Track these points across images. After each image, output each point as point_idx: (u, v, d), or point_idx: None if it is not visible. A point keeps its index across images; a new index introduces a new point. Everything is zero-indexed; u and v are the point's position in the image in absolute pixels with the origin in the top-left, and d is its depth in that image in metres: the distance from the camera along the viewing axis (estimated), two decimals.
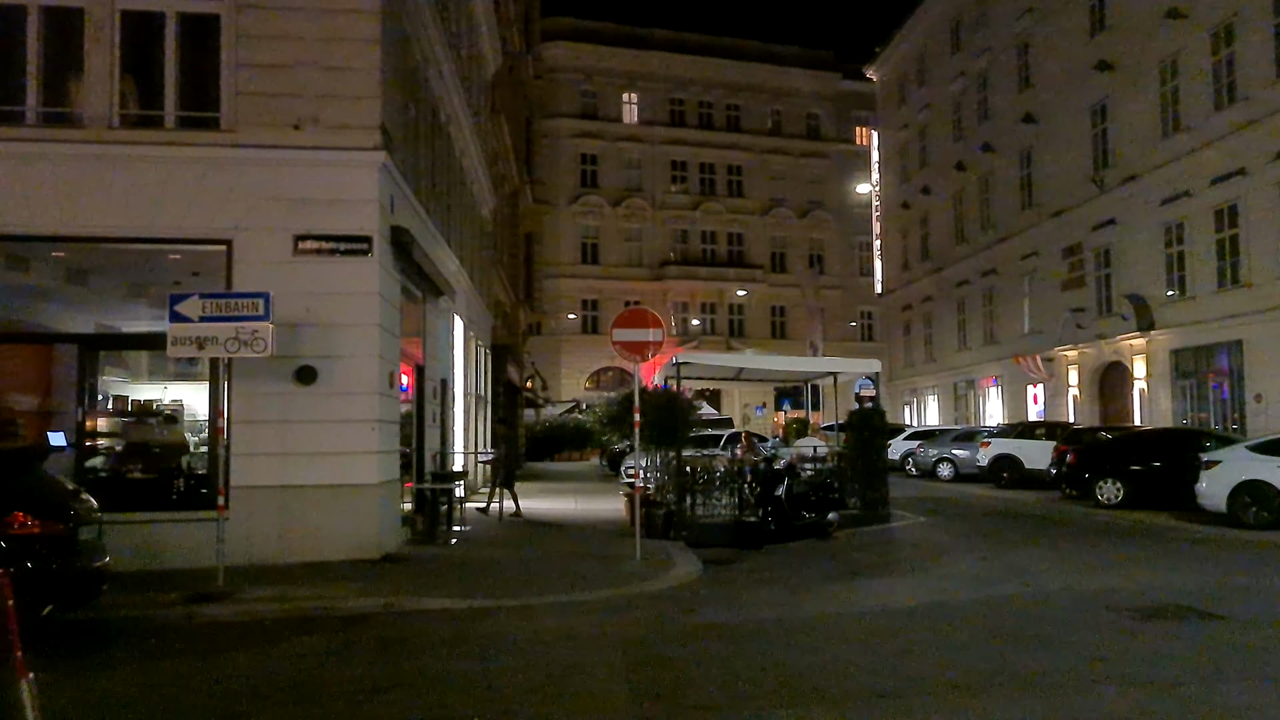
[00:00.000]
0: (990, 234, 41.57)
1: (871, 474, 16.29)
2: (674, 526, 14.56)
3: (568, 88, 60.04)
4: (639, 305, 12.76)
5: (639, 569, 11.85)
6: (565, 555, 13.02)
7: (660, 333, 12.57)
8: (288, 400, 12.05)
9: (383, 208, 12.55)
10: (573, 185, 60.07)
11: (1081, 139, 34.13)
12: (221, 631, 8.78)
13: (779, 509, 14.10)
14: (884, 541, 14.67)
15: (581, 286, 59.06)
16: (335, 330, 12.20)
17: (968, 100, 43.98)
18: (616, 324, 12.63)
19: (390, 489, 13.00)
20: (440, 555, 13.01)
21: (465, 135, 21.89)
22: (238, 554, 11.62)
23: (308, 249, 12.16)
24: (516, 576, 11.30)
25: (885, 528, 16.09)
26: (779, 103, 64.58)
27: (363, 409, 12.23)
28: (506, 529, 16.31)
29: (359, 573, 11.26)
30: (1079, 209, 34.14)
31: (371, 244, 12.27)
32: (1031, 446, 24.70)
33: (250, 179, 12.10)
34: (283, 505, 11.99)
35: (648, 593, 10.43)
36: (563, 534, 15.61)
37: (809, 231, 64.34)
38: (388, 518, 12.82)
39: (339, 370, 12.19)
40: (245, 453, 11.95)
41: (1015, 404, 39.69)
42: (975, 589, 10.39)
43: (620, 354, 12.62)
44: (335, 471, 12.10)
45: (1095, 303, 33.56)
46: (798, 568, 12.31)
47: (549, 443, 46.11)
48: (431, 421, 17.01)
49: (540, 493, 24.68)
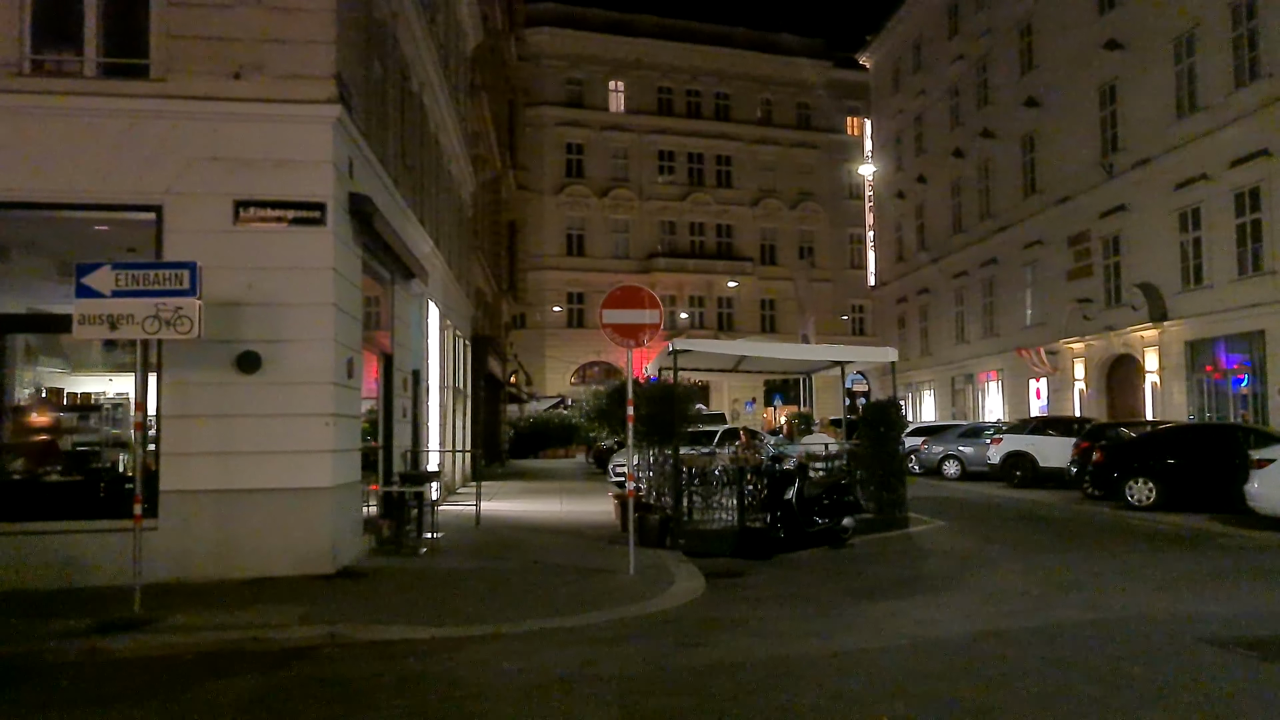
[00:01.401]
0: (990, 223, 40.13)
1: (887, 474, 14.74)
2: (670, 533, 13.01)
3: (553, 75, 58.43)
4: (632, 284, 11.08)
5: (633, 585, 10.30)
6: (549, 568, 11.44)
7: (657, 314, 11.01)
8: (228, 391, 10.44)
9: (338, 171, 10.94)
10: (558, 175, 58.55)
11: (1089, 122, 32.68)
12: (125, 672, 7.18)
13: (789, 514, 12.56)
14: (906, 550, 13.13)
15: (567, 279, 57.46)
16: (283, 311, 10.60)
17: (966, 85, 42.50)
18: (607, 303, 11.05)
19: (348, 493, 11.40)
20: (406, 568, 11.41)
21: (441, 108, 20.27)
22: (169, 569, 10.09)
23: (251, 217, 10.54)
24: (492, 595, 9.73)
25: (904, 534, 14.55)
26: (769, 91, 63.16)
27: (315, 401, 10.63)
28: (484, 534, 14.73)
29: (308, 592, 9.67)
30: (1086, 195, 32.70)
31: (325, 212, 10.66)
32: (1046, 443, 23.20)
33: (184, 136, 10.47)
34: (222, 512, 10.39)
35: (644, 616, 8.88)
36: (547, 541, 14.04)
37: (799, 223, 62.95)
38: (345, 526, 11.23)
39: (288, 357, 10.59)
40: (178, 452, 10.36)
41: (1017, 399, 38.28)
42: (1029, 612, 8.85)
43: (611, 338, 11.04)
44: (283, 473, 10.51)
45: (1103, 292, 32.15)
46: (816, 583, 10.76)
47: (533, 439, 44.65)
48: (402, 416, 15.41)
49: (523, 493, 23.11)
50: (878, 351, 15.24)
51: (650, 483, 15.67)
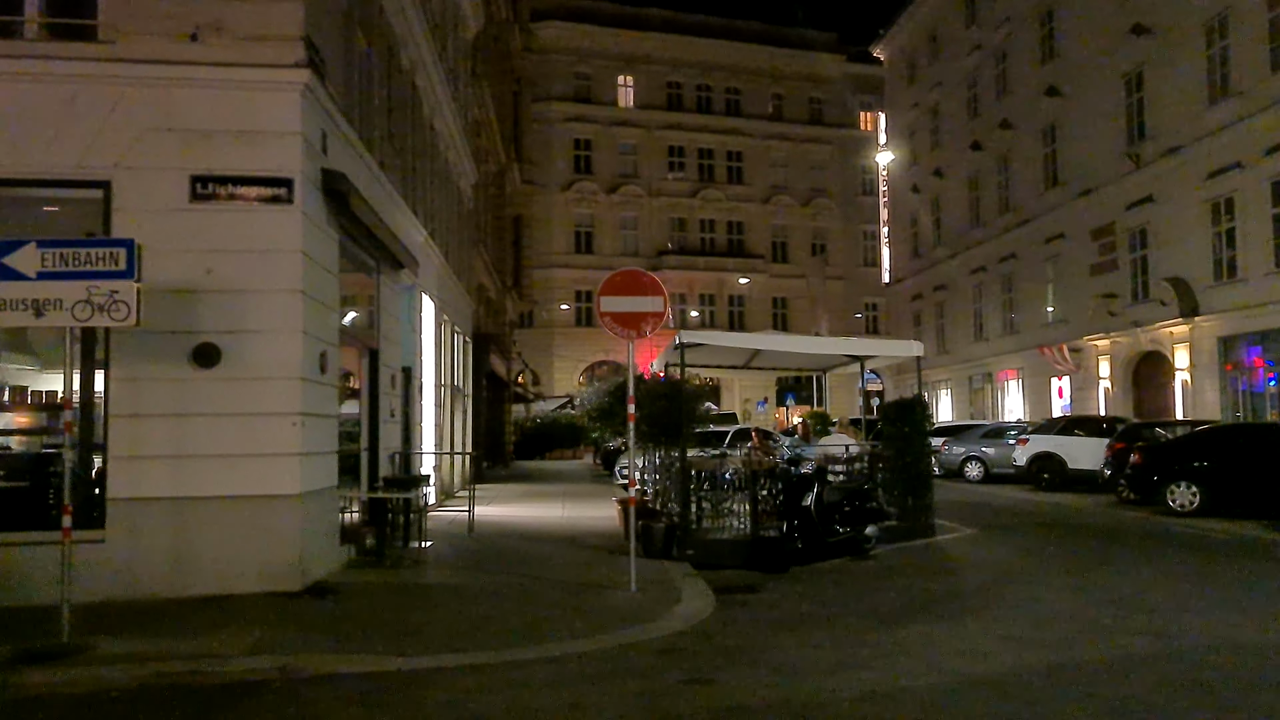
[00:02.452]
0: (1010, 217, 38.91)
1: (913, 478, 13.59)
2: (677, 543, 11.90)
3: (560, 70, 57.42)
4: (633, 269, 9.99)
5: (634, 604, 9.20)
6: (542, 583, 10.35)
7: (660, 301, 9.91)
8: (183, 388, 9.39)
9: (308, 144, 9.88)
10: (566, 171, 57.57)
11: (1113, 111, 31.46)
12: (33, 713, 6.13)
13: (807, 522, 11.43)
14: (936, 563, 11.97)
15: (575, 277, 56.40)
16: (246, 298, 9.54)
17: (984, 75, 41.30)
18: (604, 290, 9.95)
19: (320, 500, 10.33)
20: (384, 583, 10.33)
21: (436, 92, 19.21)
22: (117, 587, 9.05)
23: (209, 194, 9.48)
24: (477, 616, 8.64)
25: (931, 543, 13.41)
26: (780, 86, 62.06)
27: (281, 399, 9.56)
28: (477, 543, 13.65)
29: (268, 613, 8.60)
30: (1110, 186, 31.50)
31: (292, 189, 9.59)
32: (1076, 444, 21.98)
33: (134, 104, 9.42)
34: (176, 523, 9.33)
35: (646, 642, 7.78)
36: (543, 551, 12.95)
37: (811, 220, 61.85)
38: (316, 536, 10.15)
39: (251, 349, 9.53)
40: (128, 455, 9.29)
41: (1038, 398, 37.06)
42: (1089, 640, 7.70)
43: (610, 328, 9.95)
44: (245, 479, 9.44)
45: (1129, 287, 30.95)
46: (838, 601, 9.65)
47: (540, 440, 43.62)
48: (390, 416, 14.35)
49: (524, 496, 22.04)
50: (902, 345, 14.09)
51: (656, 487, 14.59)
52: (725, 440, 22.53)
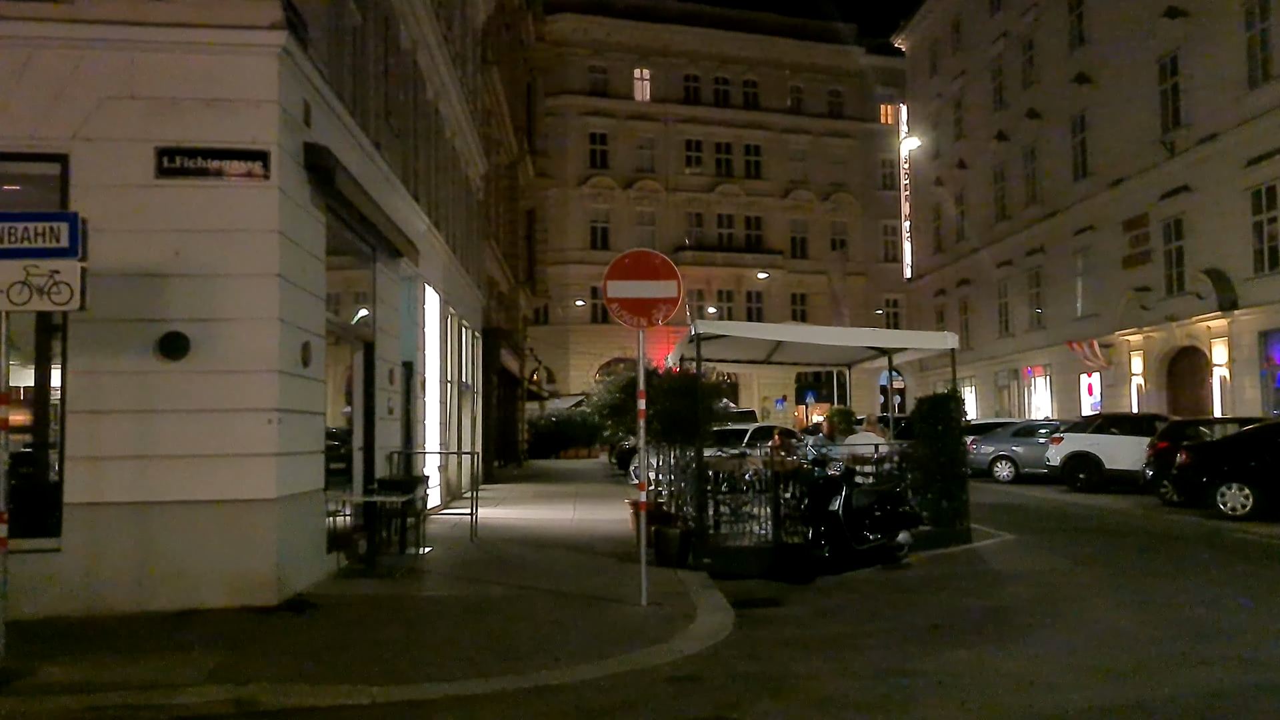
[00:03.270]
0: (1037, 209, 37.74)
1: (948, 479, 12.57)
2: (693, 550, 10.97)
3: (576, 63, 56.55)
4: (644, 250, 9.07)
5: (645, 621, 8.28)
6: (546, 596, 9.43)
7: (674, 286, 8.97)
8: (148, 382, 8.52)
9: (287, 114, 8.99)
10: (581, 166, 56.71)
11: (1146, 97, 30.26)
12: None
13: (835, 528, 10.46)
14: (976, 572, 10.97)
15: (591, 273, 55.35)
16: (218, 283, 8.66)
17: (1010, 64, 40.11)
18: (613, 273, 9.02)
19: (302, 505, 9.44)
20: (373, 596, 9.43)
21: (441, 74, 18.32)
22: (74, 601, 8.20)
23: (177, 168, 8.61)
24: (469, 635, 7.74)
25: (969, 550, 12.40)
26: (799, 79, 60.99)
27: (257, 393, 8.68)
28: (479, 550, 12.76)
29: (237, 630, 7.72)
30: (1143, 176, 30.30)
31: (268, 162, 8.70)
32: (1113, 443, 20.87)
33: (95, 70, 8.56)
34: (141, 530, 8.46)
35: (657, 668, 6.86)
36: (549, 558, 12.04)
37: (831, 215, 60.77)
38: (297, 544, 9.26)
39: (223, 339, 8.65)
40: (87, 456, 8.43)
41: (1066, 395, 35.92)
42: (1166, 669, 6.71)
43: (618, 316, 9.03)
44: (216, 482, 8.57)
45: (1163, 280, 29.75)
46: (872, 618, 8.69)
47: (554, 439, 42.77)
48: (387, 413, 13.47)
49: (534, 497, 21.14)
50: (936, 337, 13.07)
51: (670, 490, 13.67)
52: (744, 439, 21.60)
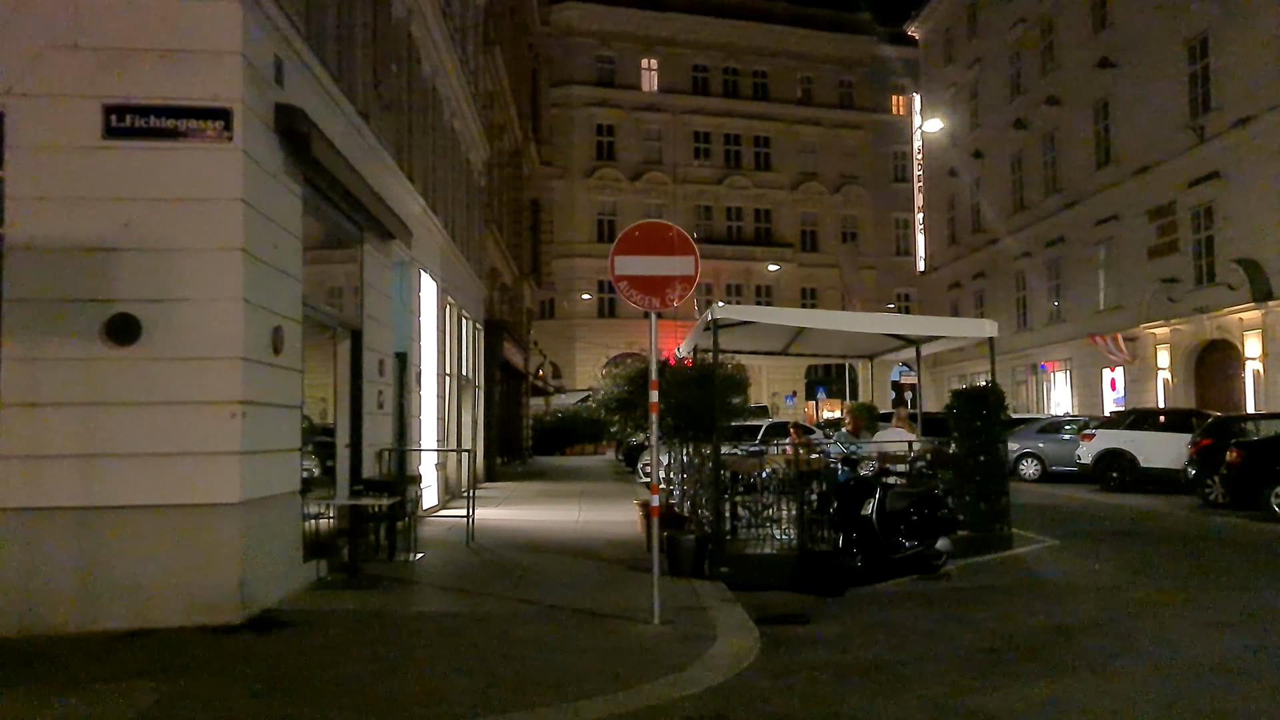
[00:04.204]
0: (1057, 198, 36.62)
1: (987, 479, 11.51)
2: (709, 558, 9.94)
3: (582, 53, 55.63)
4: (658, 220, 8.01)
5: (658, 642, 7.25)
6: (547, 611, 8.40)
7: (690, 262, 7.94)
8: (94, 370, 7.51)
9: (254, 69, 7.97)
10: (588, 158, 55.76)
11: (1174, 81, 29.13)
12: None
13: (868, 535, 9.42)
14: (1025, 584, 9.88)
15: (598, 266, 54.32)
16: (174, 259, 7.65)
17: (1029, 49, 38.96)
18: (621, 248, 7.97)
19: (273, 509, 8.41)
20: (352, 611, 8.40)
21: (438, 49, 17.30)
22: (8, 620, 7.28)
23: (127, 127, 7.59)
24: (460, 661, 6.71)
25: (1010, 557, 11.32)
26: (810, 69, 59.96)
27: (218, 384, 7.67)
28: (475, 556, 11.75)
29: (187, 656, 6.71)
30: (1171, 163, 29.19)
31: (230, 121, 7.68)
32: (1149, 440, 19.77)
33: (32, 16, 7.54)
34: (85, 539, 7.45)
35: (675, 704, 5.82)
36: (551, 565, 11.02)
37: (842, 207, 59.79)
38: (266, 554, 8.24)
39: (179, 322, 7.63)
40: (24, 454, 7.41)
41: (1088, 390, 34.83)
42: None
43: (626, 295, 7.99)
44: (171, 484, 7.55)
45: (1192, 271, 28.68)
46: (917, 639, 7.62)
47: (560, 435, 41.82)
48: (377, 408, 12.46)
49: (538, 496, 20.14)
50: (973, 324, 11.97)
51: (684, 490, 12.65)
52: (758, 435, 20.56)
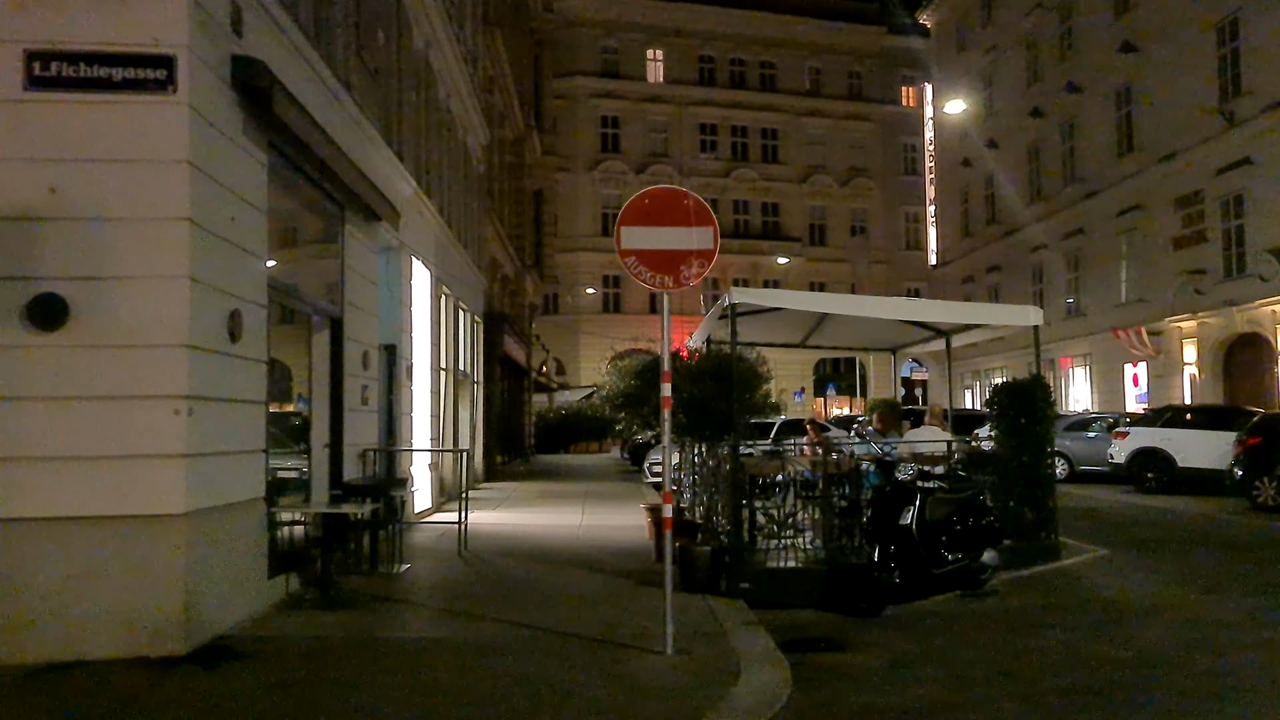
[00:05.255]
0: (1076, 188, 35.49)
1: (1032, 483, 10.41)
2: (726, 572, 8.85)
3: (586, 44, 54.56)
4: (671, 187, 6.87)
5: (674, 677, 6.17)
6: (545, 637, 7.32)
7: (709, 234, 6.84)
8: (14, 359, 6.45)
9: (203, 12, 6.88)
10: (592, 150, 54.72)
11: (1202, 65, 27.99)
12: None
13: (907, 547, 8.32)
14: (1085, 603, 8.68)
15: (602, 261, 53.50)
16: (108, 230, 6.58)
17: (1046, 35, 37.82)
18: (627, 217, 6.86)
19: (230, 519, 7.34)
20: (321, 639, 7.30)
21: (432, 21, 16.21)
22: None
23: (53, 78, 6.53)
24: (441, 706, 5.64)
25: (1059, 569, 10.19)
26: (818, 60, 58.80)
27: (160, 375, 6.60)
28: (467, 567, 10.69)
29: (116, 697, 5.65)
30: (1198, 149, 28.07)
31: (173, 70, 6.61)
32: (1188, 438, 18.59)
33: None
34: (5, 556, 6.40)
35: None
36: (551, 579, 9.95)
37: (851, 201, 58.66)
38: (220, 571, 7.16)
39: (115, 304, 6.57)
40: None
41: (1109, 386, 33.74)
42: None
43: (634, 273, 6.88)
44: (105, 492, 6.49)
45: (1221, 262, 27.59)
46: (980, 675, 6.50)
47: (563, 433, 40.86)
48: (360, 404, 11.40)
49: (539, 497, 19.08)
50: (1016, 311, 10.80)
51: (695, 494, 11.56)
52: (771, 433, 19.47)
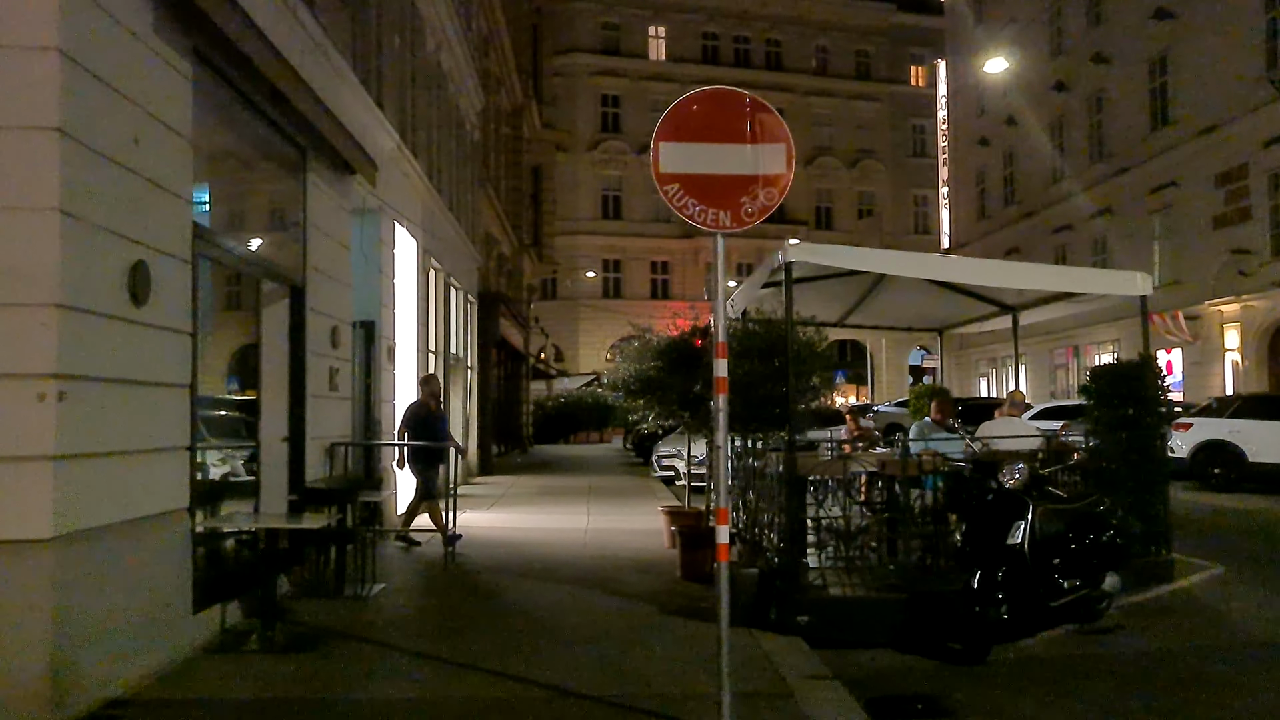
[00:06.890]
0: (1104, 165, 33.60)
1: (1142, 488, 8.53)
2: (777, 601, 7.01)
3: (586, 20, 52.73)
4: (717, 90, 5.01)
5: None
6: (547, 699, 5.48)
7: (781, 152, 5.05)
8: None
9: None
10: (592, 130, 52.85)
11: (1246, 31, 26.06)
12: None
13: (1018, 571, 6.47)
14: (1234, 642, 6.81)
15: (602, 244, 51.75)
16: None
17: (1072, 5, 35.86)
18: (666, 130, 5.12)
19: (124, 542, 5.47)
20: (252, 703, 5.45)
21: None
22: None
23: None
24: None
25: (1179, 592, 8.27)
26: (825, 38, 56.98)
27: (16, 346, 4.76)
28: (452, 587, 8.86)
29: None
30: (1242, 121, 26.18)
31: None
32: (1260, 430, 16.67)
33: None
34: None
35: None
36: (557, 603, 8.11)
37: (858, 183, 56.90)
38: (109, 614, 5.29)
39: None
40: None
41: None
42: None
43: (677, 205, 5.07)
44: None
45: (1267, 241, 25.71)
46: None
47: (563, 421, 39.02)
48: (328, 389, 9.54)
49: (538, 494, 17.25)
50: (1122, 278, 8.81)
51: (735, 494, 9.72)
52: None
